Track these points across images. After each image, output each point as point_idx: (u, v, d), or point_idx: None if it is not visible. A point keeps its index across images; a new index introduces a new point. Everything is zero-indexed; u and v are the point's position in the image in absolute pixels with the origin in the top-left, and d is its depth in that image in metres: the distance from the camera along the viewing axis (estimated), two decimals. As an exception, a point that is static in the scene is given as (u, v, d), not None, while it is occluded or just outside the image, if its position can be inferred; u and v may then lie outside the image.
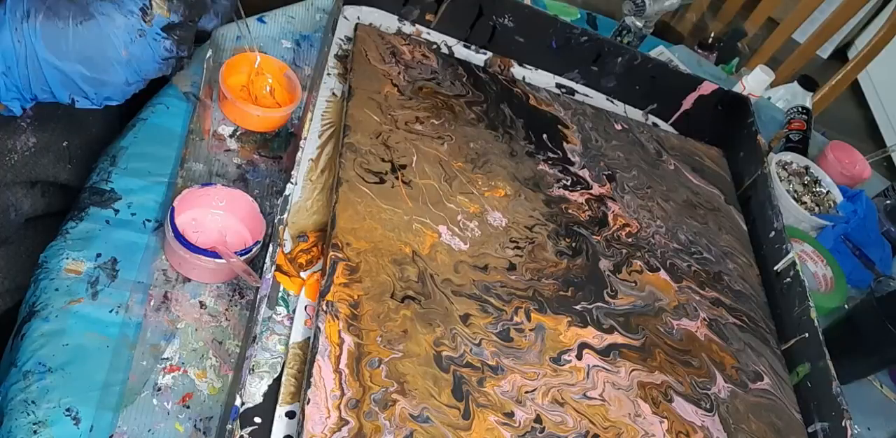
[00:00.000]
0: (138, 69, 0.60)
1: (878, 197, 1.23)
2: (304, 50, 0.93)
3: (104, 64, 0.59)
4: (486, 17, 0.99)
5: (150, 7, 0.58)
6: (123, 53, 0.59)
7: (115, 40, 0.58)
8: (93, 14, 0.57)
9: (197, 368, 0.64)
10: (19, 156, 0.70)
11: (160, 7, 0.59)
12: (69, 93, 0.60)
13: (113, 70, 0.59)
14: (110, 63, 0.59)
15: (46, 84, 0.59)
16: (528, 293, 0.76)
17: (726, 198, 1.02)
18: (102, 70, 0.59)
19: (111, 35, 0.58)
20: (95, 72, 0.59)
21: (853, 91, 2.95)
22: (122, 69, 0.60)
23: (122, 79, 0.60)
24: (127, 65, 0.59)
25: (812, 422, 0.81)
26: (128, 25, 0.58)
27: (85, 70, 0.58)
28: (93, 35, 0.57)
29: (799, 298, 0.88)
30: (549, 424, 0.67)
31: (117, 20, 0.57)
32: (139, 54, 0.59)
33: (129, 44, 0.58)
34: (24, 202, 0.72)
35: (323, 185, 0.77)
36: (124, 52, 0.58)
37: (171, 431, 0.61)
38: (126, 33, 0.58)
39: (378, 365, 0.64)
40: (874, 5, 2.74)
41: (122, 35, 0.58)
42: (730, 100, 1.09)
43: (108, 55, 0.58)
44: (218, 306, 0.69)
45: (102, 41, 0.58)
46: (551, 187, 0.88)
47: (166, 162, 0.76)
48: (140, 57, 0.60)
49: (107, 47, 0.58)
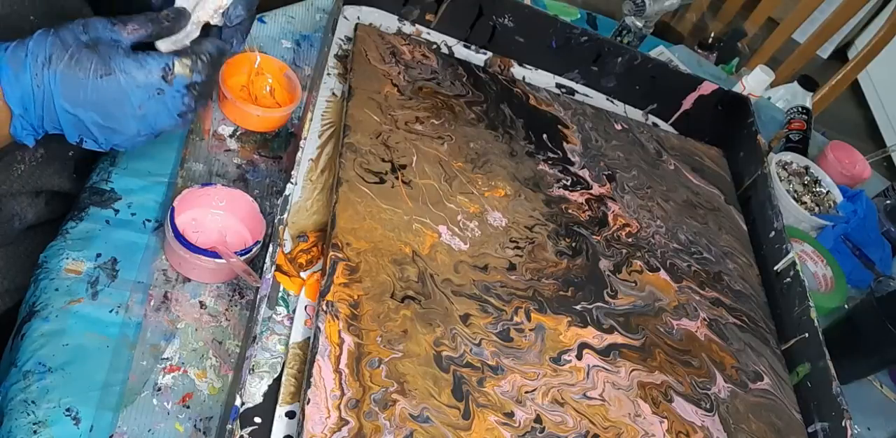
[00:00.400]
0: (153, 124, 0.61)
1: (878, 197, 1.23)
2: (304, 50, 0.93)
3: (119, 116, 0.59)
4: (486, 17, 0.99)
5: (172, 67, 0.58)
6: (139, 110, 0.59)
7: (132, 97, 0.58)
8: (114, 69, 0.57)
9: (197, 368, 0.64)
10: (26, 167, 0.70)
11: (184, 67, 0.59)
12: (79, 134, 0.60)
13: (127, 123, 0.60)
14: (125, 117, 0.59)
15: (59, 124, 0.59)
16: (528, 293, 0.76)
17: (726, 198, 1.02)
18: (116, 121, 0.59)
19: (129, 92, 0.58)
20: (109, 122, 0.59)
21: (853, 91, 2.95)
22: (135, 123, 0.60)
23: (135, 131, 0.60)
24: (142, 119, 0.60)
25: (812, 422, 0.81)
26: (147, 84, 0.58)
27: (99, 119, 0.59)
28: (111, 90, 0.57)
29: (799, 298, 0.88)
30: (549, 424, 0.67)
31: (138, 78, 0.57)
32: (155, 111, 0.60)
33: (146, 101, 0.59)
34: (28, 211, 0.73)
35: (323, 185, 0.77)
36: (140, 109, 0.59)
37: (171, 431, 0.61)
38: (145, 91, 0.58)
39: (378, 364, 0.64)
40: (874, 5, 2.75)
41: (141, 93, 0.58)
42: (730, 100, 1.09)
43: (124, 110, 0.59)
44: (218, 306, 0.69)
45: (120, 96, 0.58)
46: (551, 187, 0.88)
47: (166, 162, 0.77)
48: (156, 113, 0.60)
49: (124, 103, 0.58)
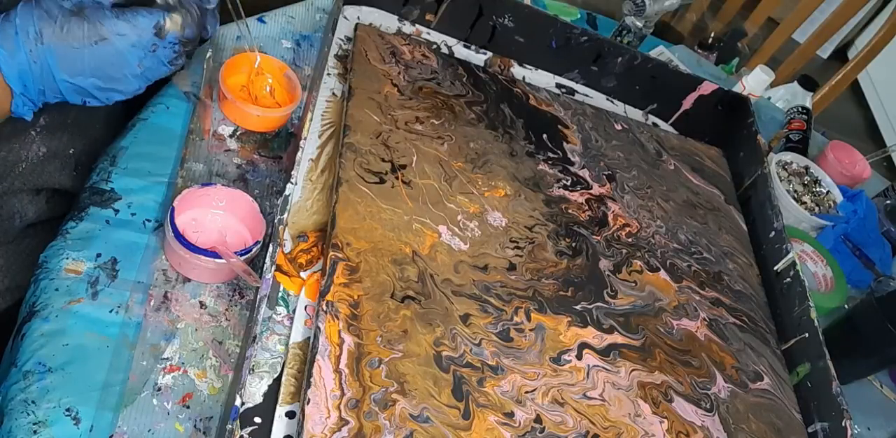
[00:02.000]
0: (150, 76, 0.63)
1: (878, 197, 1.23)
2: (304, 50, 0.93)
3: (119, 77, 0.61)
4: (486, 17, 0.99)
5: (164, 23, 0.60)
6: (138, 67, 0.61)
7: (129, 57, 0.60)
8: (107, 34, 0.58)
9: (197, 368, 0.64)
10: (27, 164, 0.71)
11: (174, 24, 0.60)
12: (82, 98, 0.62)
13: (127, 81, 0.62)
14: (125, 76, 0.61)
15: (60, 93, 0.61)
16: (528, 293, 0.76)
17: (726, 198, 1.02)
18: (117, 82, 0.61)
19: (126, 53, 0.59)
20: (110, 83, 0.61)
21: (853, 91, 2.95)
22: (135, 80, 0.62)
23: (136, 87, 0.63)
24: (141, 76, 0.62)
25: (812, 422, 0.81)
26: (142, 43, 0.59)
27: (100, 82, 0.60)
28: (108, 54, 0.59)
29: (799, 298, 0.88)
30: (549, 424, 0.67)
31: (132, 39, 0.59)
32: (150, 64, 0.61)
33: (143, 58, 0.60)
34: (29, 209, 0.73)
35: (323, 185, 0.77)
36: (139, 66, 0.61)
37: (171, 431, 0.61)
38: (141, 50, 0.60)
39: (378, 364, 0.64)
40: (874, 5, 2.75)
41: (137, 52, 0.60)
42: (730, 100, 1.09)
43: (123, 71, 0.60)
44: (218, 306, 0.69)
45: (118, 59, 0.59)
46: (551, 187, 0.88)
47: (166, 162, 0.76)
48: (153, 67, 0.62)
49: (123, 64, 0.60)
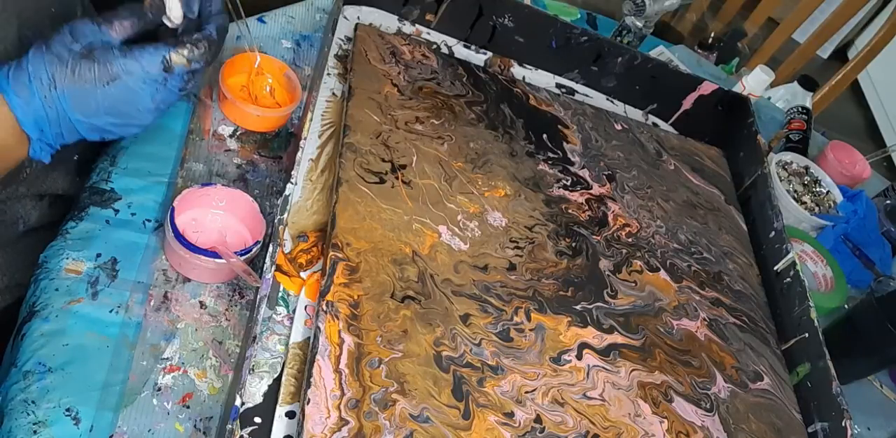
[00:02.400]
0: (163, 107, 0.63)
1: (878, 197, 1.23)
2: (304, 50, 0.93)
3: (134, 113, 0.61)
4: (486, 17, 0.99)
5: (169, 59, 0.60)
6: (152, 103, 0.61)
7: (142, 94, 0.60)
8: (118, 74, 0.58)
9: (197, 368, 0.64)
10: (32, 170, 0.71)
11: (180, 57, 0.60)
12: (99, 135, 0.62)
13: (142, 116, 0.62)
14: (139, 111, 0.61)
15: (77, 133, 0.61)
16: (528, 293, 0.76)
17: (726, 198, 1.02)
18: (132, 117, 0.61)
19: (138, 90, 0.59)
20: (125, 119, 0.61)
21: (853, 91, 2.95)
22: (150, 114, 0.62)
23: (150, 119, 0.63)
24: (155, 109, 0.62)
25: (812, 422, 0.81)
26: (151, 78, 0.59)
27: (115, 120, 0.61)
28: (120, 93, 0.59)
29: (799, 298, 0.88)
30: (549, 424, 0.67)
31: (142, 76, 0.59)
32: (164, 97, 0.62)
33: (156, 93, 0.61)
34: (32, 214, 0.73)
35: (323, 185, 0.77)
36: (152, 102, 0.61)
37: (171, 431, 0.61)
38: (152, 85, 0.60)
39: (378, 364, 0.64)
40: (874, 5, 2.74)
41: (149, 88, 0.60)
42: (730, 100, 1.09)
43: (138, 107, 0.61)
44: (218, 306, 0.69)
45: (131, 96, 0.60)
46: (551, 187, 0.88)
47: (166, 162, 0.76)
48: (166, 98, 0.62)
49: (136, 101, 0.60)
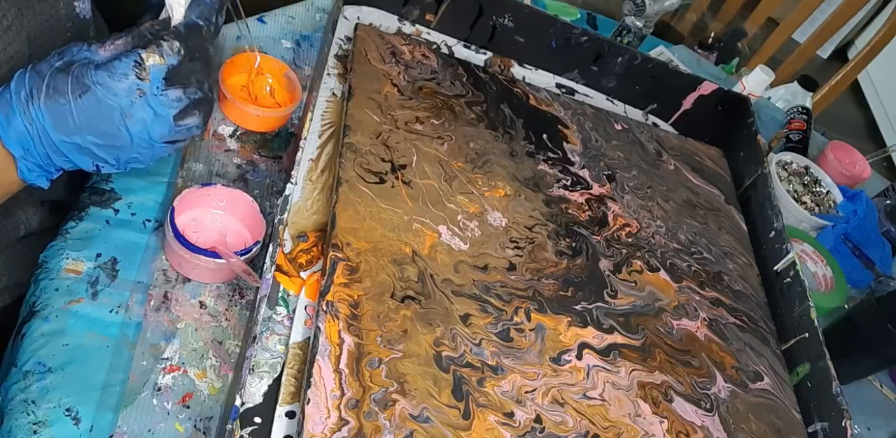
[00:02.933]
0: (150, 130, 0.57)
1: (878, 197, 1.23)
2: (304, 50, 0.93)
3: (113, 131, 0.56)
4: (486, 17, 0.99)
5: (142, 61, 0.54)
6: (127, 118, 0.56)
7: (115, 107, 0.55)
8: (89, 85, 0.54)
9: (197, 368, 0.64)
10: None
11: (150, 56, 0.54)
12: (91, 160, 0.58)
13: (123, 135, 0.57)
14: (118, 129, 0.56)
15: (66, 157, 0.57)
16: (528, 293, 0.76)
17: (726, 198, 1.02)
18: (113, 137, 0.57)
19: (110, 102, 0.55)
20: (106, 139, 0.57)
21: (853, 91, 2.95)
22: (128, 133, 0.57)
23: (135, 142, 0.57)
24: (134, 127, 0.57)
25: (812, 422, 0.81)
26: (124, 89, 0.55)
27: (97, 139, 0.56)
28: (93, 106, 0.55)
29: (799, 298, 0.88)
30: (549, 424, 0.67)
31: (113, 87, 0.54)
32: (144, 115, 0.56)
33: (130, 107, 0.55)
34: (33, 219, 0.73)
35: (323, 185, 0.77)
36: (127, 117, 0.56)
37: (171, 431, 0.61)
38: (126, 97, 0.55)
39: (378, 364, 0.64)
40: (874, 5, 2.74)
41: (122, 100, 0.55)
42: (730, 100, 1.09)
43: (114, 122, 0.56)
44: (218, 306, 0.69)
45: (104, 110, 0.55)
46: (551, 187, 0.88)
47: (166, 162, 0.76)
48: (146, 118, 0.56)
49: (111, 115, 0.55)
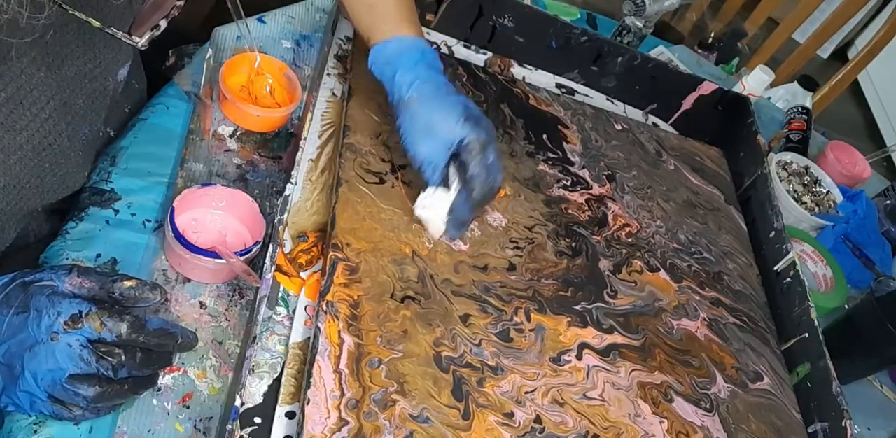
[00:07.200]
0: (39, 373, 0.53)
1: (878, 197, 1.23)
2: (304, 50, 0.93)
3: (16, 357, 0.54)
4: (486, 17, 0.99)
5: (83, 316, 0.53)
6: (30, 350, 0.53)
7: (31, 335, 0.53)
8: (30, 307, 0.53)
9: (197, 368, 0.64)
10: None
11: (94, 319, 0.53)
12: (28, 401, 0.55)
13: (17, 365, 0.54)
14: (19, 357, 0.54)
15: None
16: (527, 293, 0.76)
17: (726, 198, 1.02)
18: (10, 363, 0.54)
19: (31, 328, 0.53)
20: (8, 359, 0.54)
21: (853, 91, 2.95)
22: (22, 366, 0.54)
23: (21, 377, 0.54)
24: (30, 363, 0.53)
25: (812, 422, 0.81)
26: (47, 325, 0.53)
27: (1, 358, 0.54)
28: (19, 325, 0.53)
29: (799, 298, 0.88)
30: (548, 424, 0.67)
31: (42, 317, 0.53)
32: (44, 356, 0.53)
33: (40, 343, 0.53)
34: (43, 227, 0.73)
35: (323, 185, 0.77)
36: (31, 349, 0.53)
37: (171, 431, 0.61)
38: (45, 333, 0.53)
39: (378, 365, 0.64)
40: (874, 5, 2.74)
41: (40, 333, 0.53)
42: (730, 100, 1.09)
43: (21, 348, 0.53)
44: (218, 306, 0.69)
45: (23, 334, 0.53)
46: (551, 187, 0.88)
47: (166, 162, 0.77)
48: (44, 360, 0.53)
49: (25, 341, 0.53)
